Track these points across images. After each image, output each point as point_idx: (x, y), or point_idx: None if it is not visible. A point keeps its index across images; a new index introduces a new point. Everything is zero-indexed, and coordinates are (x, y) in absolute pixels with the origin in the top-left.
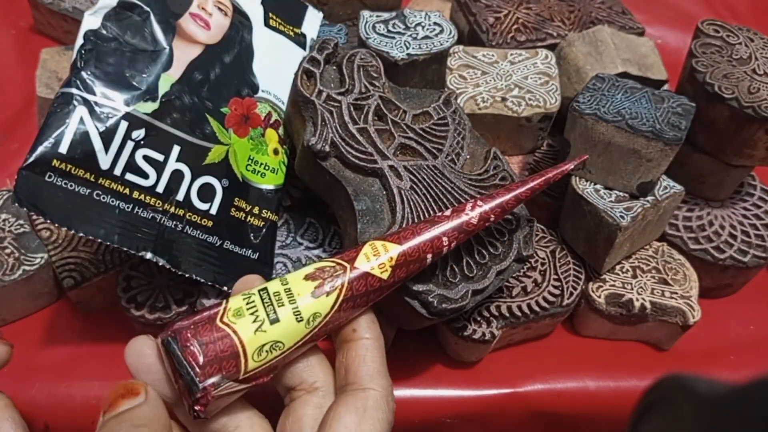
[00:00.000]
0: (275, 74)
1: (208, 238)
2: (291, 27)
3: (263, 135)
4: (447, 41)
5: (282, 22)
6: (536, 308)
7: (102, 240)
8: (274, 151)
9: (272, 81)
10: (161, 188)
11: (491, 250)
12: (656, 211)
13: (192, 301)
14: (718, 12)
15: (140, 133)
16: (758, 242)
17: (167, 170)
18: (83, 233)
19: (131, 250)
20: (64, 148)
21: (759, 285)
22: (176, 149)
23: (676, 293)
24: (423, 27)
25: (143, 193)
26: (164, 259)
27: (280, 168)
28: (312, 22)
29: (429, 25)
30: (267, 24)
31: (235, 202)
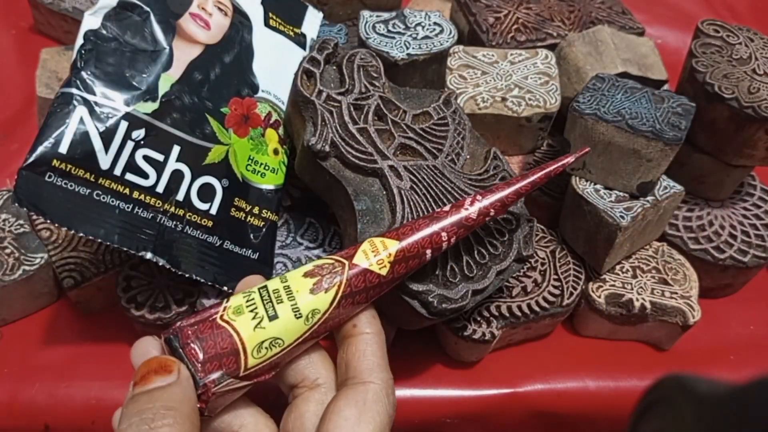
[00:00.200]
0: (275, 74)
1: (208, 238)
2: (291, 27)
3: (263, 135)
4: (447, 41)
5: (282, 22)
6: (536, 308)
7: (102, 240)
8: (274, 151)
9: (272, 81)
10: (161, 188)
11: (491, 250)
12: (656, 211)
13: (192, 301)
14: (718, 12)
15: (140, 133)
16: (758, 242)
17: (167, 170)
18: (83, 233)
19: (131, 250)
20: (64, 148)
21: (759, 285)
22: (176, 149)
23: (676, 293)
24: (423, 27)
25: (143, 193)
26: (164, 259)
27: (280, 168)
28: (312, 22)
29: (429, 25)
30: (267, 24)
31: (235, 202)
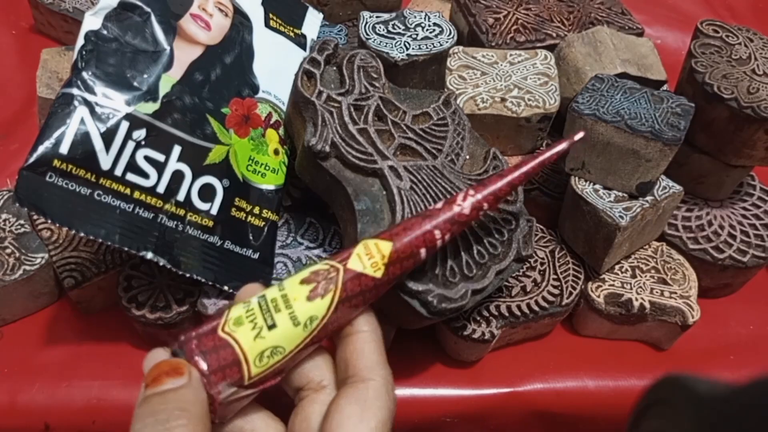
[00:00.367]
0: (275, 75)
1: (209, 238)
2: (291, 28)
3: (264, 135)
4: (447, 42)
5: (282, 23)
6: (536, 308)
7: (103, 240)
8: (275, 152)
9: (272, 81)
10: (162, 188)
11: (491, 250)
12: (655, 211)
13: (192, 301)
14: (718, 12)
15: (141, 134)
16: (757, 242)
17: (168, 170)
18: (84, 233)
19: (132, 250)
20: (65, 149)
21: (758, 285)
22: (177, 149)
23: (676, 293)
24: (423, 28)
25: (144, 193)
26: (165, 259)
27: (281, 168)
28: (312, 23)
29: (429, 26)
30: (267, 25)
31: (236, 202)
